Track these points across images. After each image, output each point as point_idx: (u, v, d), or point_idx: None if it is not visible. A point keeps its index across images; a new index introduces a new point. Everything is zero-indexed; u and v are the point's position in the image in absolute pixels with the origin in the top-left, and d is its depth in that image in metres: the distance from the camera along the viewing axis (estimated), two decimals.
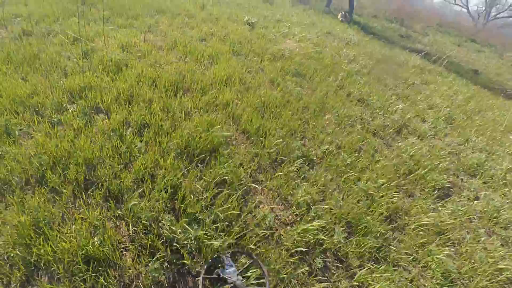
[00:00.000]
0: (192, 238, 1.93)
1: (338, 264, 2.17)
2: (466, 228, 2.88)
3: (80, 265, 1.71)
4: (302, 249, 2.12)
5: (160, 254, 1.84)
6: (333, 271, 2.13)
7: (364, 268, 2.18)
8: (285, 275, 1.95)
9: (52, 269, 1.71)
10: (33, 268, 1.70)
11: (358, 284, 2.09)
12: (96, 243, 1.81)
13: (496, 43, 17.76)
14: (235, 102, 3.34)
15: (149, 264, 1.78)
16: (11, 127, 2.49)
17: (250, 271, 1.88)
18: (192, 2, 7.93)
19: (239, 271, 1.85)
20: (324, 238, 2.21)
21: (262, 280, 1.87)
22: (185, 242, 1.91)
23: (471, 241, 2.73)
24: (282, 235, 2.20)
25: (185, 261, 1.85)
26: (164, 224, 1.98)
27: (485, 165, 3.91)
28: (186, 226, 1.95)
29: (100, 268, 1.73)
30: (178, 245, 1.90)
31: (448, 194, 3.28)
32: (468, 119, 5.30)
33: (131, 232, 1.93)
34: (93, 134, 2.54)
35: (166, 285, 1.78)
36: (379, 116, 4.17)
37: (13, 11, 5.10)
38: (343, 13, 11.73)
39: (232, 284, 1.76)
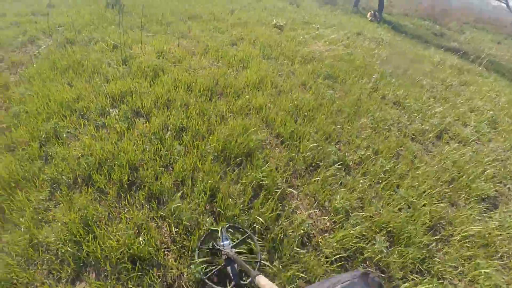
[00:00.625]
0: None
1: (380, 274, 2.09)
2: None
3: (126, 263, 1.79)
4: (342, 256, 2.07)
5: (201, 256, 1.87)
6: None
7: (408, 279, 2.08)
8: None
9: (100, 266, 1.80)
10: (82, 264, 1.79)
11: None
12: (141, 242, 1.88)
13: None
14: (268, 106, 3.34)
15: (192, 266, 1.82)
16: (60, 130, 2.68)
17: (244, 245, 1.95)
18: (221, 7, 8.09)
19: (234, 244, 1.88)
20: (364, 246, 2.14)
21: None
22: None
23: None
24: (320, 241, 2.16)
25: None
26: (204, 226, 2.02)
27: None
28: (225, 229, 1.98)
29: (146, 268, 1.80)
30: (217, 247, 1.93)
31: (495, 203, 3.05)
32: None
33: (173, 232, 1.99)
34: (135, 137, 2.66)
35: (206, 286, 1.81)
36: (416, 119, 3.97)
37: (56, 21, 5.50)
38: (372, 12, 11.38)
39: (226, 256, 1.79)
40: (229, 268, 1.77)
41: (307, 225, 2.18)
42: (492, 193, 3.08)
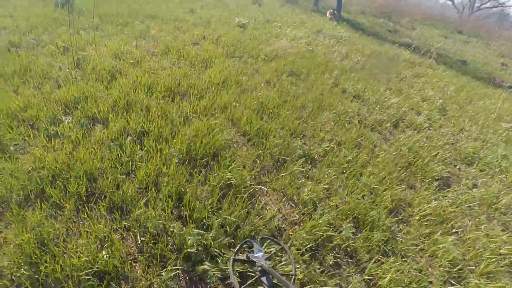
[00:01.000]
0: (201, 244, 1.92)
1: (348, 260, 2.18)
2: (468, 216, 2.93)
3: (91, 280, 1.67)
4: (312, 246, 2.12)
5: (170, 263, 1.81)
6: (344, 267, 2.14)
7: (374, 261, 2.20)
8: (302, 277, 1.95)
9: (62, 287, 1.67)
10: (40, 287, 1.65)
11: (369, 277, 2.10)
12: (105, 256, 1.78)
13: (482, 33, 18.15)
14: (233, 104, 3.33)
15: (163, 274, 1.75)
16: (6, 143, 2.44)
17: (277, 257, 1.98)
18: (181, 7, 7.90)
19: (268, 256, 1.91)
20: (333, 234, 2.22)
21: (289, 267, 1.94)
22: (194, 250, 1.89)
23: (473, 228, 2.77)
24: (291, 234, 2.20)
25: (196, 268, 1.83)
26: (172, 232, 1.95)
27: (480, 154, 3.98)
28: (194, 232, 1.94)
29: (112, 282, 1.70)
30: (188, 252, 1.88)
31: (448, 183, 3.32)
32: (461, 109, 5.40)
33: (139, 242, 1.90)
34: (92, 145, 2.50)
35: None
36: (375, 111, 4.21)
37: None
38: (331, 10, 11.82)
39: (260, 268, 1.79)
40: (264, 278, 1.76)
41: (277, 219, 2.21)
42: (444, 174, 3.36)
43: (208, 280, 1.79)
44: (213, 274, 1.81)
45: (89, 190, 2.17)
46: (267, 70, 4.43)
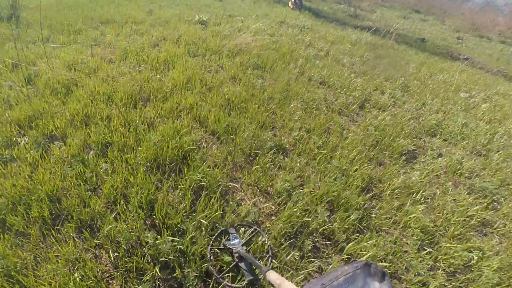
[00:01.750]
0: (178, 250, 1.89)
1: (326, 242, 2.24)
2: (435, 184, 3.10)
3: None
4: (289, 234, 2.16)
5: (148, 274, 1.77)
6: (323, 250, 2.19)
7: (351, 240, 2.27)
8: (278, 264, 1.97)
9: None
10: None
11: (348, 256, 2.17)
12: (77, 278, 1.70)
13: (437, 11, 19.09)
14: (199, 104, 3.27)
15: (139, 287, 1.71)
16: None
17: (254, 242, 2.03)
18: (137, 8, 7.59)
19: (244, 241, 1.97)
20: (308, 220, 2.27)
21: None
22: (171, 257, 1.86)
23: (441, 195, 2.94)
24: (268, 226, 2.22)
25: (176, 275, 1.80)
26: (147, 243, 1.90)
27: (443, 124, 4.22)
28: (170, 239, 1.90)
29: None
30: (165, 260, 1.84)
31: (414, 156, 3.49)
32: (422, 84, 5.67)
33: (112, 258, 1.84)
34: (52, 165, 2.37)
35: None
36: (341, 95, 4.31)
37: None
38: (293, 0, 11.89)
39: (237, 254, 1.84)
40: (242, 264, 1.80)
41: (253, 213, 2.22)
42: (411, 147, 3.53)
43: (188, 284, 1.77)
44: (193, 276, 1.79)
45: (53, 212, 2.06)
46: (232, 65, 4.39)
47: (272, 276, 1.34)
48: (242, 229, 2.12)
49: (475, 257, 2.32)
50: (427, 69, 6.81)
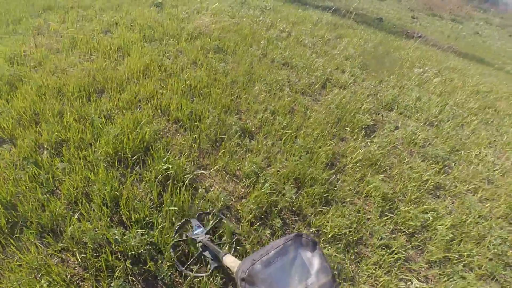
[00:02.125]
0: (148, 242, 1.87)
1: (295, 218, 2.35)
2: (393, 155, 3.34)
3: None
4: (259, 215, 2.23)
5: (119, 271, 1.74)
6: (292, 225, 2.30)
7: (318, 213, 2.40)
8: (250, 245, 2.04)
9: None
10: None
11: (316, 229, 2.31)
12: (44, 285, 1.63)
13: None
14: (159, 92, 3.14)
15: (112, 285, 1.68)
16: None
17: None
18: None
19: (207, 229, 1.98)
20: (277, 198, 2.35)
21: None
22: (142, 250, 1.84)
23: (398, 164, 3.19)
24: (239, 208, 2.27)
25: (149, 267, 1.79)
26: (115, 240, 1.85)
27: (398, 99, 4.50)
28: (139, 232, 1.87)
29: None
30: (136, 254, 1.82)
31: (374, 130, 3.71)
32: (378, 63, 5.93)
33: (80, 260, 1.77)
34: (3, 170, 2.17)
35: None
36: (304, 75, 4.39)
37: None
38: None
39: (201, 243, 1.86)
40: (206, 253, 1.83)
41: (223, 198, 2.24)
42: (370, 122, 3.74)
43: (163, 275, 1.77)
44: (166, 266, 1.80)
45: (10, 220, 1.91)
46: (192, 49, 4.23)
47: (228, 259, 1.40)
48: (206, 217, 2.12)
49: (431, 218, 2.57)
50: (384, 48, 7.12)
